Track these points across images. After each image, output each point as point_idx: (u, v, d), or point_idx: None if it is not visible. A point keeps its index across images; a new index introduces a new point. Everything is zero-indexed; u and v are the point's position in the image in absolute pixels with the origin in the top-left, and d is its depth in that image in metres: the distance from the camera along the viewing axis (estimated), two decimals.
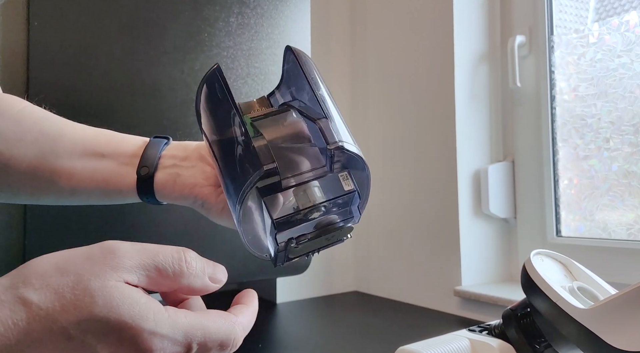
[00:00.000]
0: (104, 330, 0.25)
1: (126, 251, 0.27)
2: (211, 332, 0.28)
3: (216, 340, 0.28)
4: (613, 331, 0.37)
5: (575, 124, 1.01)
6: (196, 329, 0.28)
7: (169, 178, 0.46)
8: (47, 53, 0.82)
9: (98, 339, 0.25)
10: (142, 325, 0.25)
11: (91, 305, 0.25)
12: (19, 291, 0.25)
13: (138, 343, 0.25)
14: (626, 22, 0.93)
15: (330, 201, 0.35)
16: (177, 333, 0.27)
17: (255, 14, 1.01)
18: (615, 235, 0.94)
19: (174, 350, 0.27)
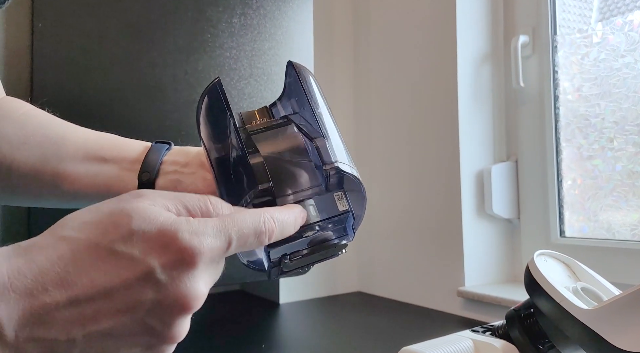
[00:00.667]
0: (147, 241, 0.26)
1: (153, 192, 0.29)
2: (242, 222, 0.29)
3: (249, 229, 0.30)
4: (617, 332, 0.37)
5: (578, 124, 1.01)
6: (228, 223, 0.29)
7: (170, 185, 0.46)
8: (51, 55, 0.82)
9: (144, 251, 0.26)
10: (180, 227, 0.27)
11: (129, 222, 0.27)
12: (57, 232, 0.27)
13: (182, 246, 0.26)
14: (630, 21, 0.93)
15: (324, 221, 0.35)
16: (212, 230, 0.28)
17: (258, 15, 1.01)
18: (619, 235, 0.94)
19: (215, 245, 0.28)
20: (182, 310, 0.27)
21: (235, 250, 0.29)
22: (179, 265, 0.26)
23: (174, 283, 0.26)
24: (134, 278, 0.26)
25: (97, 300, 0.25)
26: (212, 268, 0.29)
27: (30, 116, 0.48)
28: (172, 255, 0.26)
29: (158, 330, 0.27)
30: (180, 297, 0.27)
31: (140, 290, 0.26)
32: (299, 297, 1.20)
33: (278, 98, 0.44)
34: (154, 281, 0.26)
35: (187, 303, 0.27)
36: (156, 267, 0.26)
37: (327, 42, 1.30)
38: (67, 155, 0.46)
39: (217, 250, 0.28)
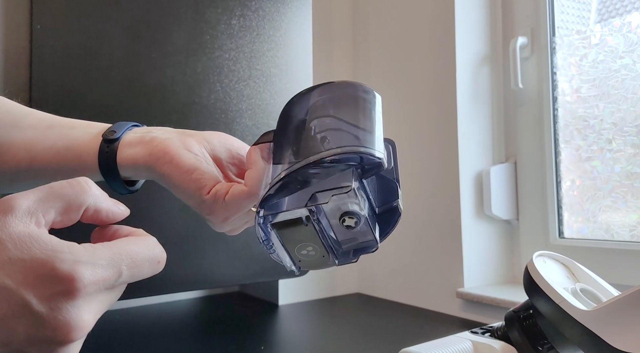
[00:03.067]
0: (23, 271, 0.25)
1: (20, 195, 0.27)
2: (136, 252, 0.28)
3: (144, 259, 0.28)
4: (616, 333, 0.37)
5: (577, 126, 1.01)
6: (119, 253, 0.27)
7: (138, 139, 0.42)
8: (50, 56, 0.82)
9: (20, 282, 0.25)
10: (59, 256, 0.25)
11: (5, 253, 0.25)
12: None
13: (60, 275, 0.25)
14: (628, 23, 0.93)
15: (363, 228, 0.36)
16: (99, 259, 0.26)
17: (257, 17, 1.01)
18: (618, 236, 0.94)
19: (103, 276, 0.26)
20: (63, 341, 0.26)
21: (127, 281, 0.28)
22: (59, 295, 0.25)
23: (53, 314, 0.25)
24: (9, 310, 0.24)
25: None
26: (103, 296, 0.27)
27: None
28: (51, 285, 0.25)
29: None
30: (60, 327, 0.25)
31: (14, 322, 0.25)
32: (298, 299, 1.20)
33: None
34: (30, 313, 0.25)
35: (67, 333, 0.25)
36: (31, 300, 0.25)
37: (326, 43, 1.30)
38: (29, 125, 0.44)
39: (104, 281, 0.26)
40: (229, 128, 0.97)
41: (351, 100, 0.40)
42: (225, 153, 0.44)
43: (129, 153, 0.42)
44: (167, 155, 0.40)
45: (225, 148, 0.44)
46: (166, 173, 0.40)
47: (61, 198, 0.28)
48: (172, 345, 0.87)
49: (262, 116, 1.01)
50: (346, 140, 0.36)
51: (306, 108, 0.39)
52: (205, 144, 0.43)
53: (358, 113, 0.39)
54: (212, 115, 0.95)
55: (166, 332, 0.94)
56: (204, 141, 0.43)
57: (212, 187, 0.40)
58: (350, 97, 0.40)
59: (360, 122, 0.38)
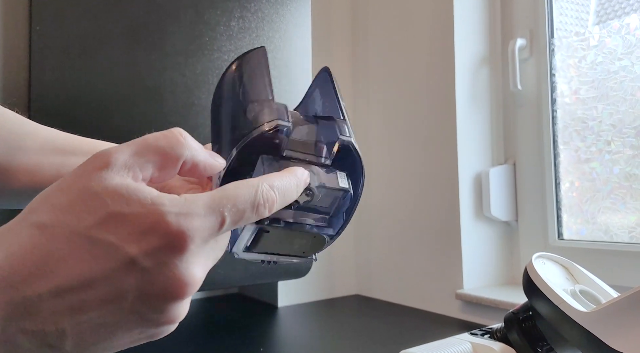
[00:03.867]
0: (126, 225, 0.24)
1: (115, 148, 0.26)
2: (236, 196, 0.27)
3: (245, 203, 0.27)
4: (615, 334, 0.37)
5: (576, 127, 1.01)
6: (220, 198, 0.26)
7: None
8: (49, 57, 0.82)
9: (123, 237, 0.24)
10: (160, 208, 0.24)
11: (103, 207, 0.24)
12: (30, 219, 0.25)
13: (164, 229, 0.24)
14: (627, 24, 0.94)
15: (322, 188, 0.33)
16: (199, 208, 0.25)
17: (256, 18, 1.01)
18: (617, 237, 0.94)
19: (208, 224, 0.25)
20: (174, 297, 0.25)
21: (230, 227, 0.27)
22: (167, 250, 0.24)
23: (162, 270, 0.24)
24: (114, 267, 0.24)
25: (79, 289, 0.24)
26: (209, 249, 0.27)
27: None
28: (157, 240, 0.24)
29: (150, 317, 0.25)
30: (170, 284, 0.25)
31: (122, 279, 0.24)
32: (297, 300, 1.20)
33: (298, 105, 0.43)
34: (137, 269, 0.24)
35: (178, 289, 0.25)
36: (137, 255, 0.24)
37: (325, 45, 1.30)
38: (33, 148, 0.44)
39: (209, 230, 0.26)
40: None
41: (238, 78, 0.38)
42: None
43: None
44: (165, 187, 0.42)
45: None
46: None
47: (157, 151, 0.27)
48: (171, 346, 0.86)
49: None
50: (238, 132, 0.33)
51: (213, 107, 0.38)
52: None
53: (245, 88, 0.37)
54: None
55: None
56: None
57: None
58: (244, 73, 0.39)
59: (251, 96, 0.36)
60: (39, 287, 0.23)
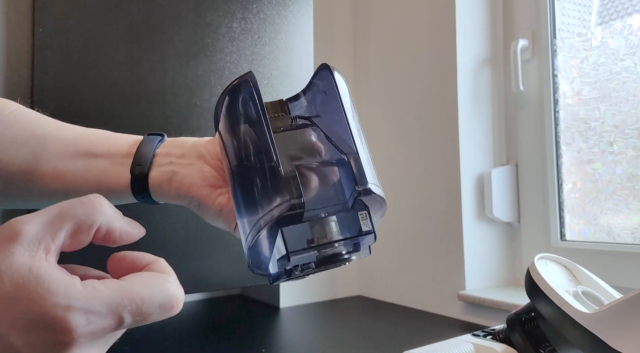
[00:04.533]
0: (14, 312, 0.22)
1: (28, 218, 0.25)
2: (144, 296, 0.25)
3: (153, 304, 0.25)
4: (618, 335, 0.37)
5: (578, 128, 1.01)
6: (122, 298, 0.24)
7: (164, 177, 0.44)
8: (52, 59, 0.83)
9: (10, 325, 0.22)
10: (53, 300, 0.23)
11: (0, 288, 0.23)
12: None
13: (52, 322, 0.22)
14: (629, 25, 0.93)
15: (346, 240, 0.34)
16: (97, 304, 0.23)
17: (258, 20, 1.02)
18: (620, 238, 0.94)
19: (101, 324, 0.23)
20: None
21: (131, 326, 0.25)
22: (50, 346, 0.23)
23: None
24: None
25: None
26: (101, 341, 0.25)
27: (19, 115, 0.46)
28: (41, 334, 0.22)
29: None
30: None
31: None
32: (300, 301, 1.20)
33: (296, 95, 0.42)
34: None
35: None
36: (20, 347, 0.22)
37: (327, 46, 1.30)
38: (56, 152, 0.45)
39: (103, 329, 0.24)
40: None
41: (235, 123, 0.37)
42: None
43: (160, 192, 0.44)
44: (194, 198, 0.43)
45: None
46: (199, 212, 0.44)
47: (71, 218, 0.26)
48: (173, 347, 0.86)
49: None
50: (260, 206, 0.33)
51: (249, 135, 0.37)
52: (218, 164, 0.44)
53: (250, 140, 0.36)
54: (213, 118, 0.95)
55: (167, 334, 0.94)
56: (217, 161, 0.44)
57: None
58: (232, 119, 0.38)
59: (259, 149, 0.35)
60: None
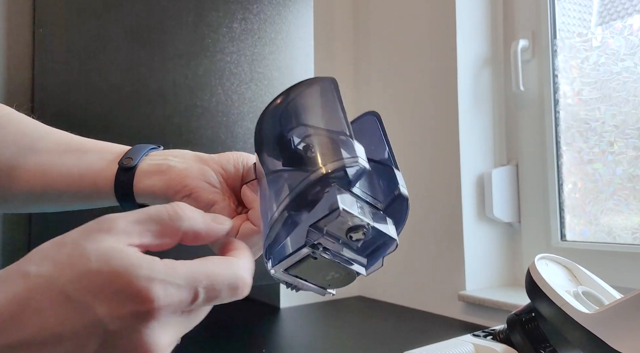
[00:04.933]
0: (99, 284, 0.24)
1: (120, 216, 0.27)
2: (216, 275, 0.27)
3: (223, 283, 0.27)
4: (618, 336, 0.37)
5: (579, 128, 1.01)
6: (198, 273, 0.26)
7: (156, 168, 0.42)
8: (52, 60, 0.83)
9: (95, 296, 0.24)
10: (136, 272, 0.24)
11: (86, 263, 0.24)
12: (20, 268, 0.25)
13: (135, 292, 0.24)
14: (629, 25, 0.93)
15: (374, 233, 0.35)
16: (177, 277, 0.25)
17: (258, 20, 1.02)
18: (620, 239, 0.94)
19: (179, 297, 0.25)
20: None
21: (201, 305, 0.27)
22: (133, 316, 0.24)
23: (127, 335, 0.24)
24: (82, 325, 0.24)
25: (47, 345, 0.24)
26: (180, 320, 0.26)
27: (12, 118, 0.46)
28: (125, 303, 0.24)
29: None
30: (133, 350, 0.24)
31: (87, 339, 0.24)
32: (300, 302, 1.20)
33: None
34: (103, 331, 0.24)
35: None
36: (105, 317, 0.24)
37: (327, 46, 1.31)
38: (44, 149, 0.44)
39: (179, 303, 0.25)
40: (231, 131, 0.97)
41: (316, 103, 0.39)
42: (239, 176, 0.43)
43: (146, 183, 0.41)
44: (186, 188, 0.40)
45: (239, 171, 0.43)
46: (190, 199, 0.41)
47: (156, 221, 0.28)
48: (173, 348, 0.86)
49: None
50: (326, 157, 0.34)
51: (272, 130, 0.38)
52: (221, 172, 0.42)
53: (326, 116, 0.37)
54: (213, 118, 0.96)
55: None
56: (219, 168, 0.42)
57: None
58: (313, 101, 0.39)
59: (330, 125, 0.36)
60: (8, 337, 0.23)
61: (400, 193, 0.37)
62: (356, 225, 0.33)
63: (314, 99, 0.39)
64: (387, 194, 0.37)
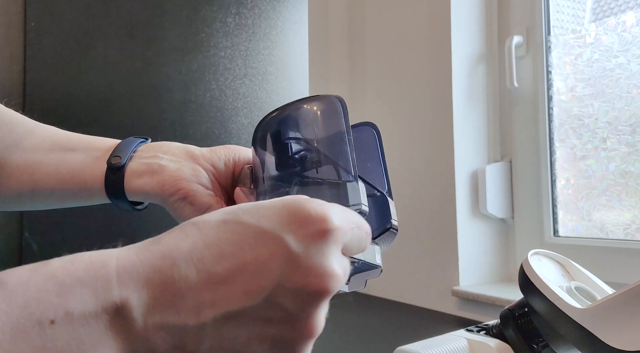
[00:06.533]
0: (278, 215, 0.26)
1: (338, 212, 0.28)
2: (360, 218, 0.29)
3: (364, 227, 0.29)
4: (610, 330, 0.37)
5: (572, 124, 1.01)
6: (349, 212, 0.28)
7: (146, 168, 0.41)
8: (44, 54, 0.82)
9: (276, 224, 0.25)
10: (309, 201, 0.27)
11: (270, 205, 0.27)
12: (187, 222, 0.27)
13: (313, 215, 0.26)
14: (623, 22, 0.94)
15: (361, 262, 0.36)
16: (338, 209, 0.27)
17: (252, 15, 1.01)
18: (613, 234, 0.94)
19: (346, 220, 0.27)
20: (317, 289, 0.25)
21: (351, 239, 0.28)
22: (314, 236, 0.25)
23: (308, 255, 0.25)
24: (267, 253, 0.24)
25: (227, 276, 0.24)
26: (344, 252, 0.27)
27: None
28: (305, 225, 0.25)
29: (292, 313, 0.24)
30: (312, 271, 0.25)
31: (273, 263, 0.24)
32: None
33: None
34: (287, 253, 0.24)
35: (320, 277, 0.25)
36: (289, 239, 0.25)
37: (322, 41, 1.30)
38: (31, 146, 0.43)
39: (347, 226, 0.27)
40: (225, 126, 0.97)
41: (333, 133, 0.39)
42: (231, 174, 0.43)
43: (138, 183, 0.41)
44: (181, 191, 0.40)
45: (231, 169, 0.43)
46: (179, 208, 0.41)
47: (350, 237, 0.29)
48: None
49: (258, 114, 1.01)
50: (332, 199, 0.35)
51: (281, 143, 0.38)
52: (212, 170, 0.42)
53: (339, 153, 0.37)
54: (207, 113, 0.95)
55: None
56: (210, 166, 0.42)
57: None
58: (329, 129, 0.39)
59: (342, 164, 0.37)
60: (187, 271, 0.23)
61: (392, 226, 0.39)
62: (353, 260, 0.34)
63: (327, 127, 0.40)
64: (379, 224, 0.39)
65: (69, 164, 0.42)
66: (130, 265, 0.23)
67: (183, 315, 0.23)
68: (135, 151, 0.43)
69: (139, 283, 0.23)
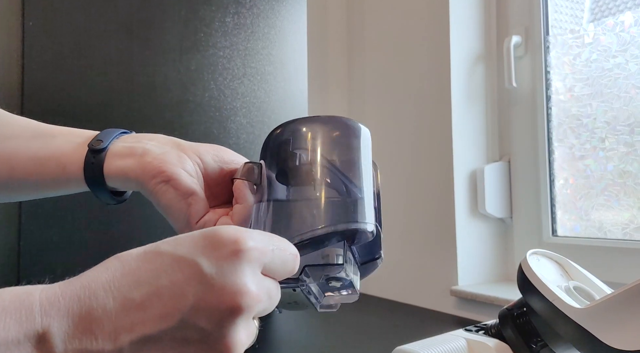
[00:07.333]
0: (192, 241, 0.27)
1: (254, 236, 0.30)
2: (282, 242, 0.30)
3: (287, 249, 0.30)
4: (609, 330, 0.37)
5: (571, 124, 1.01)
6: (269, 237, 0.30)
7: (128, 151, 0.40)
8: (42, 53, 0.82)
9: (190, 248, 0.27)
10: (223, 228, 0.28)
11: (186, 237, 0.28)
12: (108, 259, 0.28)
13: (226, 238, 0.27)
14: (621, 22, 0.94)
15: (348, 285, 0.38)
16: (256, 234, 0.28)
17: (251, 14, 1.01)
18: (611, 234, 0.95)
19: (260, 244, 0.28)
20: (230, 308, 0.25)
21: (274, 262, 0.29)
22: (226, 257, 0.26)
23: (221, 275, 0.26)
24: (181, 276, 0.26)
25: (143, 301, 0.25)
26: (262, 271, 0.28)
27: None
28: (218, 248, 0.26)
29: (208, 332, 0.25)
30: (226, 290, 0.25)
31: (186, 285, 0.25)
32: None
33: None
34: (200, 276, 0.26)
35: (233, 297, 0.25)
36: (202, 262, 0.26)
37: (321, 41, 1.30)
38: (12, 134, 0.42)
39: (262, 250, 0.28)
40: (223, 126, 0.97)
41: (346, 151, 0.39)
42: (217, 170, 0.42)
43: (118, 165, 0.40)
44: (164, 174, 0.39)
45: (218, 166, 0.42)
46: (160, 191, 0.39)
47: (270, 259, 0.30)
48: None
49: (257, 114, 1.01)
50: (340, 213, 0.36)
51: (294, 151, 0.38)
52: (198, 162, 0.41)
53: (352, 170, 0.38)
54: (206, 113, 0.95)
55: None
56: (197, 157, 0.41)
57: (202, 216, 0.39)
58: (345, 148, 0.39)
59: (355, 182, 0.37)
60: (105, 299, 0.25)
61: (380, 257, 0.40)
62: (342, 277, 0.36)
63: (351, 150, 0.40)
64: (367, 253, 0.40)
65: (48, 149, 0.41)
66: (53, 296, 0.25)
67: (101, 341, 0.24)
68: (118, 138, 0.42)
69: (60, 312, 0.24)
